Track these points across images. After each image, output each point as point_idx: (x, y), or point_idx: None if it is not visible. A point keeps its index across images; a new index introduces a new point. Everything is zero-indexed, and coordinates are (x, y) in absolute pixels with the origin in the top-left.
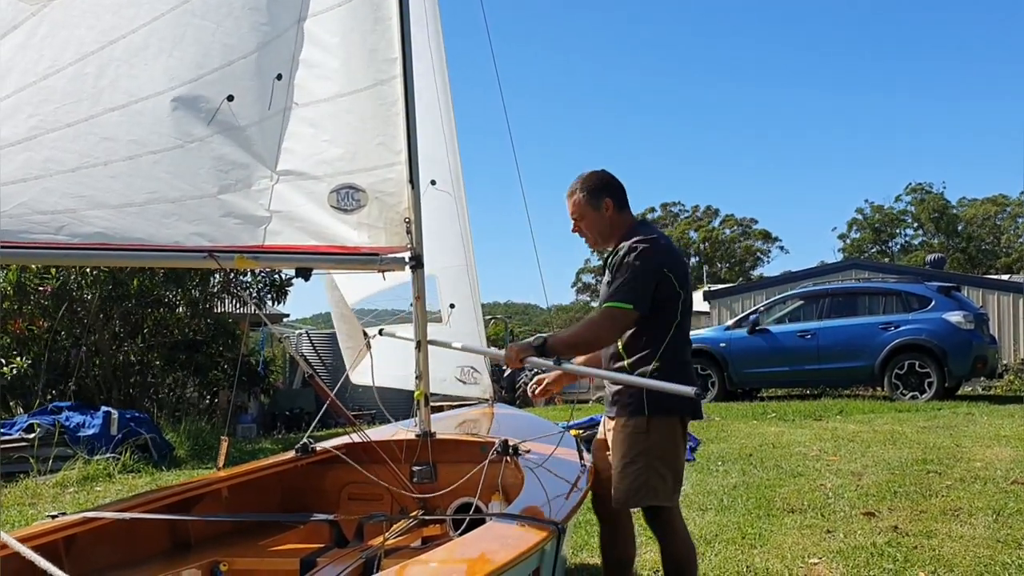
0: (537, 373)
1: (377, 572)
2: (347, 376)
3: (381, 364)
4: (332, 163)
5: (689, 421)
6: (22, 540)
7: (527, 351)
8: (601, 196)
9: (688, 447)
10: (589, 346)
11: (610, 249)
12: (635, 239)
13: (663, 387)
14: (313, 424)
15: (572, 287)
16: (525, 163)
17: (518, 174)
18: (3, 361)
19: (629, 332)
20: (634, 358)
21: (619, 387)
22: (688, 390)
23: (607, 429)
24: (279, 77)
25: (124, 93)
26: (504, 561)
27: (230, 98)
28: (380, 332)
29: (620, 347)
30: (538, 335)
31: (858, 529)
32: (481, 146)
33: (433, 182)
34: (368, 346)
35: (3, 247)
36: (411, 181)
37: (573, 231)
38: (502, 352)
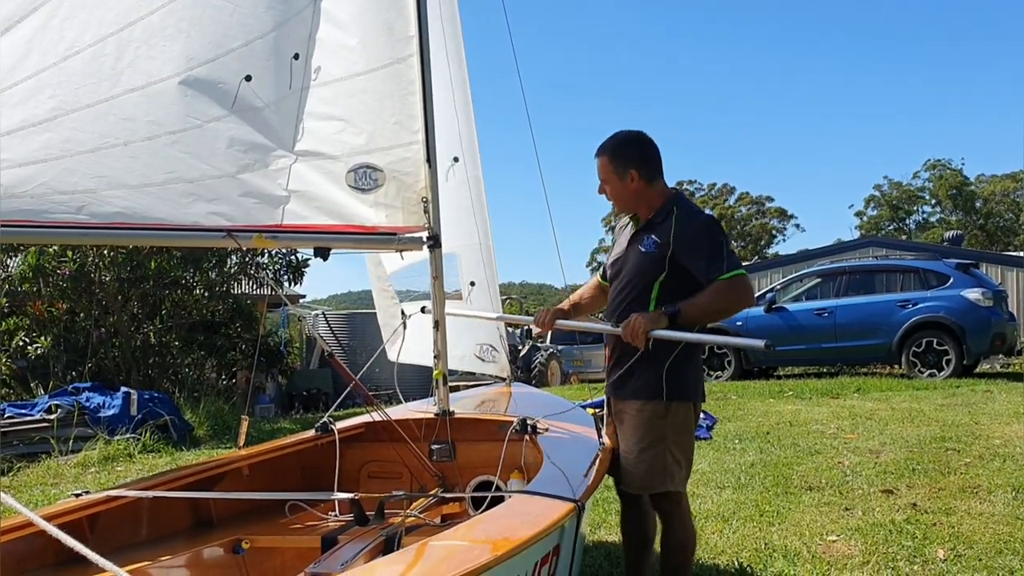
0: (553, 354)
1: (398, 549)
2: (364, 354)
3: (410, 342)
4: (349, 142)
5: (700, 404)
6: (47, 518)
7: (658, 321)
8: (627, 167)
9: (705, 425)
10: (725, 314)
11: (631, 216)
12: (706, 213)
13: (737, 343)
14: (335, 404)
15: (587, 267)
16: (542, 143)
17: (536, 155)
18: (26, 341)
19: (665, 300)
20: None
21: (632, 370)
22: (759, 343)
23: (615, 411)
24: (296, 57)
25: (143, 74)
26: (525, 538)
27: (248, 78)
28: (423, 310)
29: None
30: (667, 306)
31: (876, 507)
32: (497, 127)
33: (456, 159)
34: (404, 325)
35: (25, 226)
36: (428, 160)
37: (599, 192)
38: (618, 329)
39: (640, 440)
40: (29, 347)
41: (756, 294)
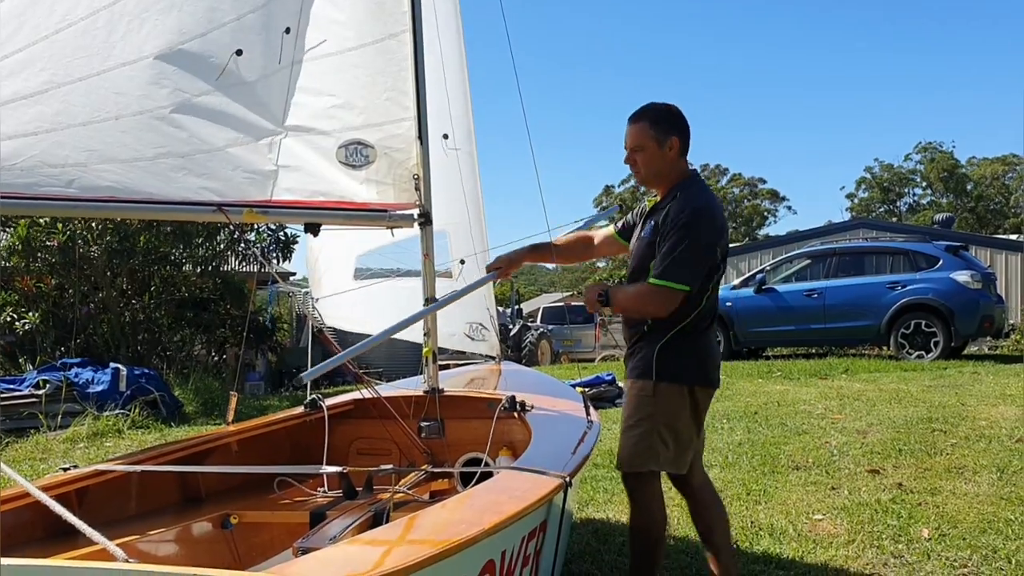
0: (543, 334)
1: (386, 524)
2: (354, 333)
3: (393, 315)
4: (340, 118)
5: (701, 390)
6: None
7: (592, 290)
8: (670, 133)
9: None
10: (634, 314)
11: (656, 194)
12: (695, 204)
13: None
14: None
15: None
16: (533, 124)
17: (528, 134)
18: (15, 316)
19: None
20: (657, 322)
21: (633, 350)
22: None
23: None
24: (288, 31)
25: (135, 48)
26: (512, 512)
27: (239, 52)
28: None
29: None
30: (604, 283)
31: (863, 486)
32: (491, 106)
33: (445, 136)
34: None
35: (14, 198)
36: (420, 137)
37: (626, 162)
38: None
39: (629, 418)
40: (17, 323)
41: (746, 274)
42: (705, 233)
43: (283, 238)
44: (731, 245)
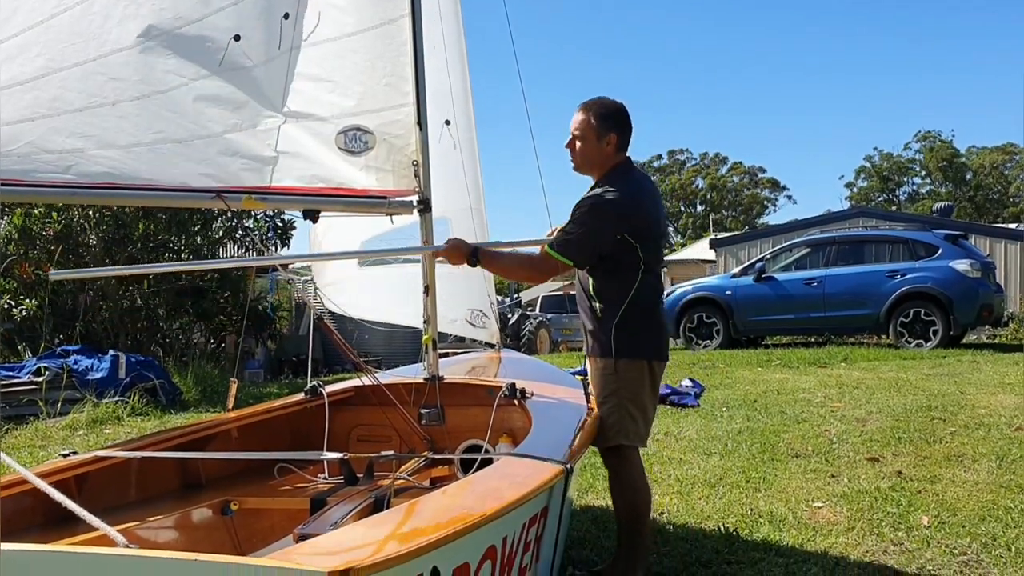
0: (542, 322)
1: (387, 510)
2: (354, 320)
3: (400, 304)
4: (339, 104)
5: (658, 364)
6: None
7: (462, 248)
8: (610, 129)
9: (693, 393)
10: (514, 275)
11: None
12: (602, 189)
13: None
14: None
15: None
16: (534, 109)
17: (528, 122)
18: (12, 304)
19: (600, 277)
20: (605, 303)
21: (592, 329)
22: None
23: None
24: (286, 16)
25: (131, 33)
26: (513, 499)
27: (237, 37)
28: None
29: (592, 290)
30: (475, 244)
31: (862, 474)
32: (491, 94)
33: (447, 122)
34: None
35: (11, 185)
36: (419, 123)
37: (566, 146)
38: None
39: (596, 396)
40: (15, 310)
41: (746, 263)
42: (601, 220)
43: (280, 225)
44: (731, 234)
